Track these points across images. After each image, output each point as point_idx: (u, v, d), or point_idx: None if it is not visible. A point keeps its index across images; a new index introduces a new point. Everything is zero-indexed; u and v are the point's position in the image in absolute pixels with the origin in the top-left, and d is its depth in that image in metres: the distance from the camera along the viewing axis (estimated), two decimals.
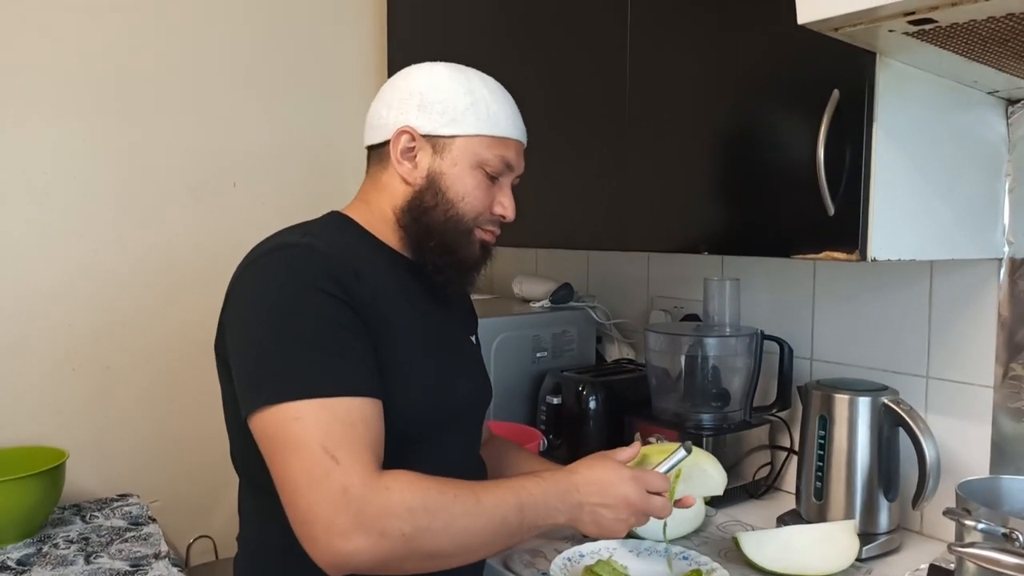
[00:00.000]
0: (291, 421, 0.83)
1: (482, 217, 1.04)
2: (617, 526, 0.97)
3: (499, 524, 0.88)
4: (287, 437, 0.83)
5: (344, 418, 0.84)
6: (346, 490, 0.80)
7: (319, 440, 0.82)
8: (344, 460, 0.81)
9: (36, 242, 1.67)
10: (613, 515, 0.96)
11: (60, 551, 1.38)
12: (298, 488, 0.82)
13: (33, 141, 1.65)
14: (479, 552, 0.90)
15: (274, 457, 0.85)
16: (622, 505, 0.96)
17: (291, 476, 0.82)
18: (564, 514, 0.95)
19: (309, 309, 0.88)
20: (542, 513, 0.92)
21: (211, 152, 1.89)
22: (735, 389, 1.48)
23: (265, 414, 0.84)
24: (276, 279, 0.90)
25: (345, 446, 0.82)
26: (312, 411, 0.83)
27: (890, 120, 1.01)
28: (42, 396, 1.68)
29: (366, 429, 0.86)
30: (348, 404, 0.85)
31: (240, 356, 0.91)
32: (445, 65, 1.04)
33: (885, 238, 1.01)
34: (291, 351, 0.86)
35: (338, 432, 0.83)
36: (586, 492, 0.96)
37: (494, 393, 1.65)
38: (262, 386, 0.86)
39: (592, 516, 0.96)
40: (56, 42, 1.67)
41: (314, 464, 0.81)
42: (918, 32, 0.86)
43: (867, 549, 1.21)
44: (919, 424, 1.18)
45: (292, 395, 0.83)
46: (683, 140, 1.25)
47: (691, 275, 1.70)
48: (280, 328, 0.87)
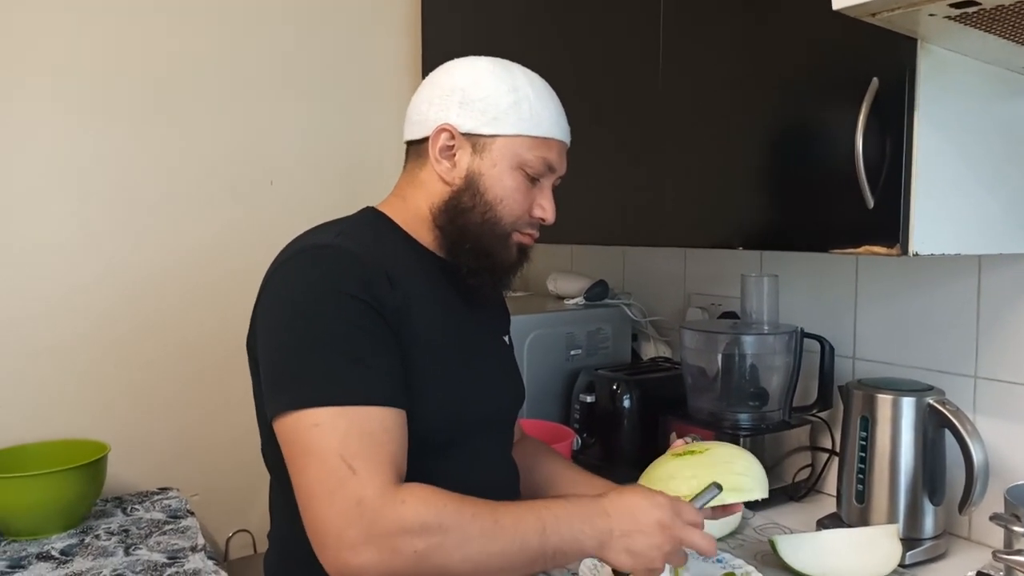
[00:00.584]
0: (310, 428, 0.82)
1: (521, 220, 1.01)
2: (652, 553, 0.87)
3: (518, 547, 0.83)
4: (305, 443, 0.82)
5: (364, 427, 0.82)
6: (360, 502, 0.79)
7: (336, 449, 0.80)
8: (361, 470, 0.80)
9: (80, 242, 1.71)
10: (647, 541, 0.87)
11: (101, 542, 1.41)
12: (312, 496, 0.81)
13: (75, 142, 1.69)
14: (496, 574, 0.84)
15: (293, 462, 0.84)
16: (655, 530, 0.88)
17: (307, 483, 0.81)
18: (592, 539, 0.87)
19: (336, 314, 0.86)
20: (567, 538, 0.85)
21: (249, 152, 1.91)
22: (773, 388, 1.45)
23: (286, 419, 0.84)
24: (306, 281, 0.89)
25: (363, 456, 0.81)
26: (331, 418, 0.82)
27: (933, 109, 0.97)
28: (85, 391, 1.72)
29: (387, 439, 0.84)
30: (369, 413, 0.83)
31: (266, 357, 0.90)
32: (489, 60, 1.02)
33: (927, 231, 0.97)
34: (314, 356, 0.85)
35: (356, 442, 0.81)
36: (617, 517, 0.88)
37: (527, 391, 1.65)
38: (285, 389, 0.85)
39: (624, 543, 0.87)
40: (97, 46, 1.70)
41: (330, 473, 0.80)
42: (960, 16, 0.82)
43: (911, 555, 1.17)
44: (966, 425, 1.13)
45: (312, 401, 0.82)
46: (717, 133, 1.22)
47: (729, 272, 1.67)
48: (305, 332, 0.86)
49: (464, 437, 0.99)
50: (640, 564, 0.88)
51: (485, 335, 1.08)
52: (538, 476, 1.16)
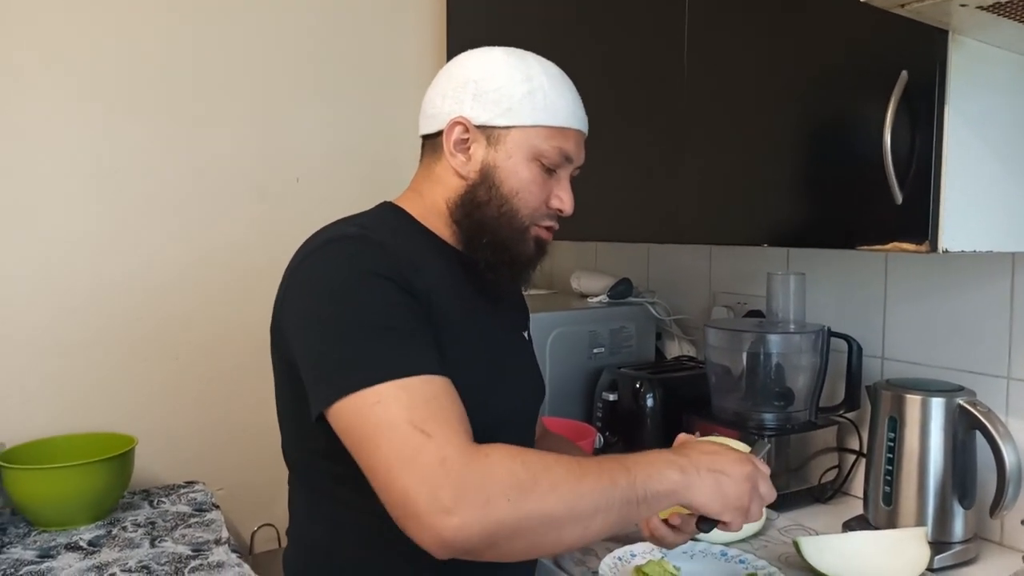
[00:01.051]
0: (371, 406, 0.79)
1: (538, 212, 0.99)
2: (742, 500, 0.86)
3: (608, 482, 0.79)
4: (370, 422, 0.79)
5: (426, 394, 0.80)
6: (444, 461, 0.75)
7: (404, 418, 0.78)
8: (435, 432, 0.77)
9: (109, 239, 1.73)
10: (737, 489, 0.86)
11: (128, 534, 1.43)
12: (391, 470, 0.76)
13: (104, 141, 1.72)
14: (594, 520, 0.79)
15: (361, 447, 0.80)
16: (743, 477, 0.86)
17: (381, 460, 0.77)
18: (678, 472, 0.83)
19: (373, 294, 0.85)
20: (653, 473, 0.82)
21: (275, 149, 1.93)
22: (799, 388, 1.43)
23: (342, 405, 0.81)
24: (335, 269, 0.88)
25: (432, 419, 0.78)
26: (391, 392, 0.79)
27: (965, 103, 0.95)
28: (114, 385, 1.75)
29: (450, 403, 0.82)
30: (426, 381, 0.81)
31: (307, 350, 0.88)
32: (503, 50, 1.00)
33: (958, 228, 0.95)
34: (359, 337, 0.83)
35: (422, 407, 0.79)
36: (696, 457, 0.86)
37: (549, 389, 1.64)
38: (334, 377, 0.82)
39: (713, 481, 0.85)
40: (125, 46, 1.72)
41: (404, 442, 0.76)
42: (994, 6, 0.80)
43: (939, 559, 1.15)
44: (997, 427, 1.11)
45: (367, 381, 0.80)
46: (743, 129, 1.21)
47: (755, 270, 1.65)
48: (344, 317, 0.85)
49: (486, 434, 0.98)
50: (730, 504, 0.86)
51: (505, 330, 1.07)
52: None
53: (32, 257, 1.66)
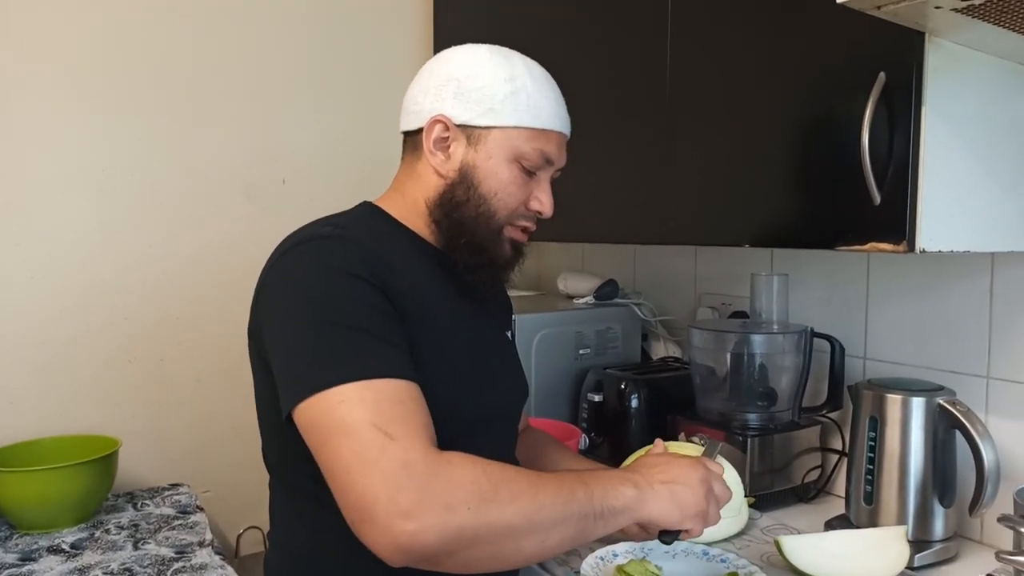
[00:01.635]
0: (336, 405, 0.78)
1: (516, 213, 0.99)
2: (700, 505, 0.87)
3: (567, 496, 0.81)
4: (333, 422, 0.78)
5: (392, 397, 0.80)
6: (407, 465, 0.75)
7: (368, 419, 0.77)
8: (400, 436, 0.76)
9: (95, 239, 1.72)
10: (692, 495, 0.87)
11: (111, 536, 1.42)
12: (351, 471, 0.76)
13: (92, 140, 1.71)
14: (552, 533, 0.80)
15: (323, 446, 0.79)
16: (696, 482, 0.88)
17: (342, 460, 0.77)
18: (632, 488, 0.85)
19: (346, 294, 0.85)
20: (608, 489, 0.84)
21: (262, 150, 1.92)
22: (783, 388, 1.43)
23: (308, 404, 0.80)
24: (309, 268, 0.88)
25: (398, 422, 0.78)
26: (357, 393, 0.78)
27: (943, 104, 0.96)
28: (100, 387, 1.74)
29: (416, 408, 0.81)
30: (394, 384, 0.81)
31: (280, 349, 0.87)
32: (488, 49, 0.99)
33: (936, 228, 0.96)
34: (330, 337, 0.83)
35: (388, 410, 0.78)
36: (648, 472, 0.88)
37: (535, 390, 1.65)
38: (302, 377, 0.82)
39: (667, 492, 0.87)
40: (115, 46, 1.72)
41: (366, 444, 0.76)
42: (967, 8, 0.81)
43: (920, 557, 1.16)
44: (977, 426, 1.12)
45: (334, 380, 0.79)
46: (725, 131, 1.21)
47: (740, 271, 1.65)
48: (316, 316, 0.84)
49: (468, 434, 0.97)
50: (688, 512, 0.87)
51: (487, 329, 1.07)
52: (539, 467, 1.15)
53: (18, 259, 1.65)
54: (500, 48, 1.00)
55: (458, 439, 0.94)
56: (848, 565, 1.08)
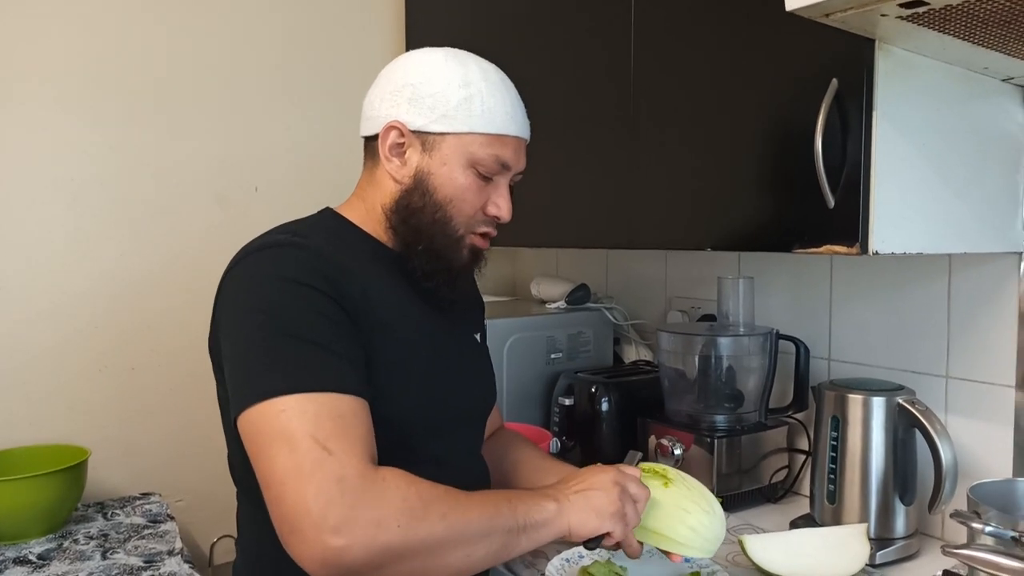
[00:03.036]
0: (277, 414, 0.79)
1: (474, 219, 0.99)
2: (615, 505, 0.91)
3: (492, 511, 0.84)
4: (273, 430, 0.78)
5: (333, 411, 0.80)
6: (341, 480, 0.76)
7: (308, 431, 0.78)
8: (337, 450, 0.77)
9: (66, 246, 1.72)
10: (606, 497, 0.91)
11: (79, 547, 1.42)
12: (285, 482, 0.76)
13: (63, 147, 1.70)
14: (478, 547, 0.82)
15: (260, 454, 0.80)
16: (608, 485, 0.92)
17: (277, 471, 0.77)
18: (552, 502, 0.89)
19: (298, 304, 0.85)
20: (531, 504, 0.88)
21: (234, 157, 1.92)
22: (749, 390, 1.45)
23: (251, 412, 0.81)
24: (263, 277, 0.88)
25: (336, 437, 0.78)
26: (299, 403, 0.79)
27: (894, 109, 0.98)
28: (71, 396, 1.72)
29: (357, 423, 0.82)
30: (337, 399, 0.81)
31: (230, 357, 0.88)
32: (443, 53, 0.98)
33: (888, 230, 0.98)
34: (277, 347, 0.83)
35: (328, 423, 0.79)
36: (564, 486, 0.93)
37: (507, 394, 1.66)
38: (248, 384, 0.82)
39: (582, 500, 0.91)
40: (85, 53, 1.71)
41: (303, 456, 0.76)
42: (912, 16, 0.83)
43: (882, 554, 1.18)
44: (935, 425, 1.14)
45: (279, 390, 0.80)
46: (686, 137, 1.23)
47: (709, 275, 1.67)
48: (266, 325, 0.84)
49: (433, 437, 0.99)
50: (604, 513, 0.90)
51: (451, 333, 1.06)
52: (506, 464, 1.16)
53: None
54: (456, 52, 0.99)
55: (420, 443, 0.96)
56: (810, 563, 1.10)
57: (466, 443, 1.08)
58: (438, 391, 0.99)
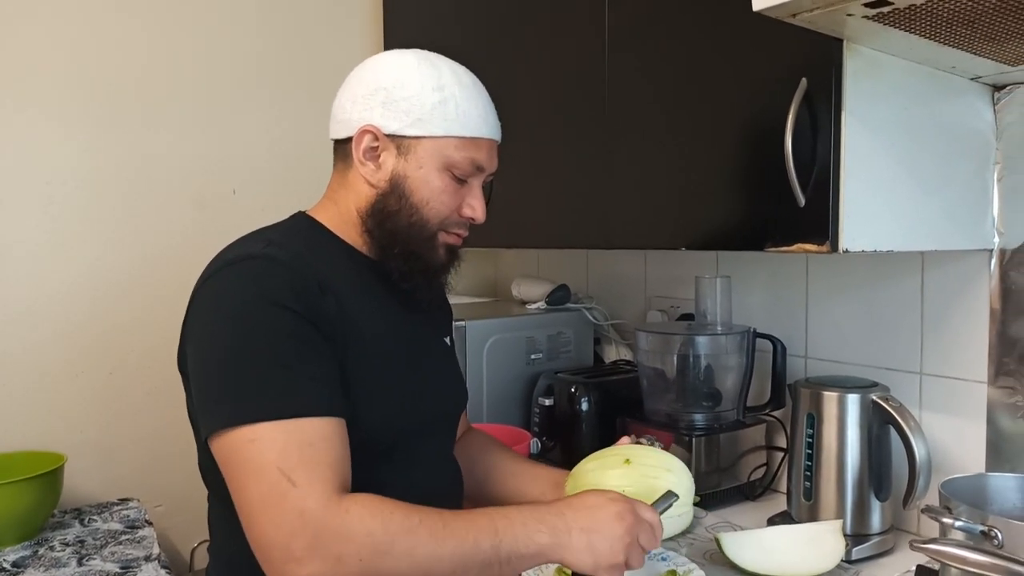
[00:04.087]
0: (246, 443, 0.80)
1: (449, 220, 0.99)
2: (614, 551, 0.85)
3: (469, 549, 0.81)
4: (242, 460, 0.81)
5: (302, 439, 0.81)
6: (302, 513, 0.77)
7: (275, 462, 0.79)
8: (301, 482, 0.79)
9: (41, 249, 1.70)
10: (610, 547, 0.85)
11: (55, 553, 1.40)
12: (253, 512, 0.79)
13: (38, 149, 1.69)
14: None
15: (232, 480, 0.82)
16: (618, 535, 0.85)
17: (246, 500, 0.80)
18: (548, 536, 0.84)
19: (267, 325, 0.84)
20: (521, 538, 0.83)
21: (212, 159, 1.91)
22: (727, 388, 1.46)
23: (222, 437, 0.82)
24: (234, 294, 0.87)
25: (302, 467, 0.79)
26: (268, 433, 0.80)
27: (863, 108, 0.99)
28: (47, 401, 1.71)
29: (327, 448, 0.82)
30: (307, 424, 0.82)
31: (198, 375, 0.88)
32: (415, 55, 0.98)
33: (858, 228, 0.98)
34: (247, 371, 0.83)
35: (295, 453, 0.80)
36: (573, 515, 0.86)
37: (486, 396, 1.66)
38: (219, 408, 0.83)
39: (585, 541, 0.85)
40: (63, 55, 1.70)
41: (270, 487, 0.78)
42: (877, 16, 0.84)
43: (858, 550, 1.18)
44: (908, 421, 1.15)
45: (248, 417, 0.81)
46: (659, 137, 1.24)
47: (687, 274, 1.68)
48: (236, 346, 0.85)
49: (407, 441, 0.99)
50: (603, 563, 0.85)
51: (425, 337, 1.07)
52: (479, 468, 1.16)
53: None
54: (428, 54, 0.99)
55: (394, 448, 0.96)
56: (785, 559, 1.10)
57: (439, 447, 1.08)
58: (412, 398, 0.99)
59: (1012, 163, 1.17)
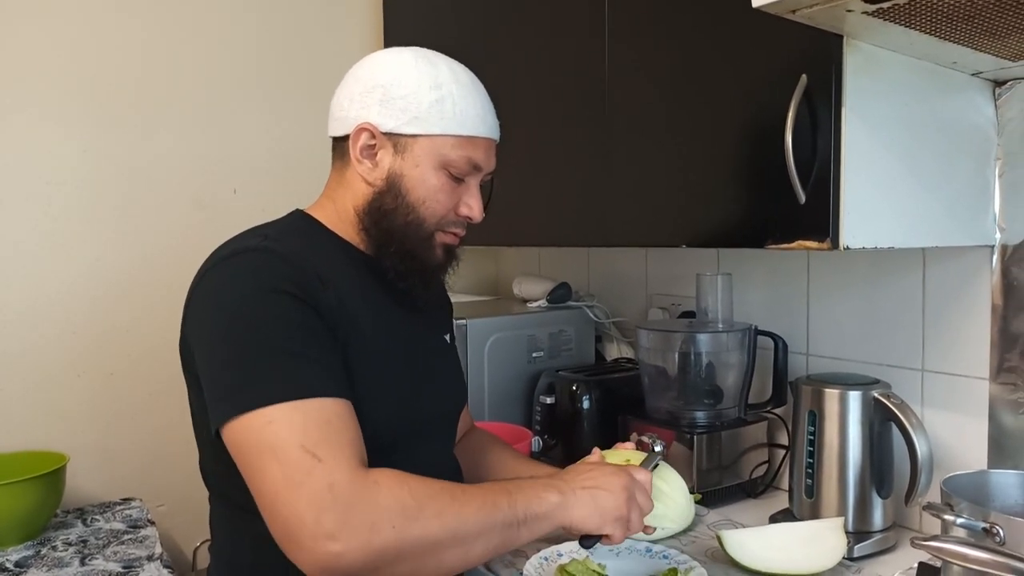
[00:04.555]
0: (264, 426, 0.79)
1: (446, 219, 0.99)
2: (620, 511, 0.91)
3: (490, 507, 0.84)
4: (261, 443, 0.79)
5: (319, 417, 0.81)
6: (332, 487, 0.77)
7: (297, 441, 0.78)
8: (326, 457, 0.78)
9: (41, 250, 1.70)
10: (614, 500, 0.91)
11: (57, 553, 1.41)
12: (278, 493, 0.77)
13: (38, 149, 1.69)
14: (476, 544, 0.83)
15: (250, 466, 0.81)
16: (618, 489, 0.91)
17: (268, 481, 0.78)
18: (556, 494, 0.89)
19: (272, 312, 0.84)
20: (532, 496, 0.87)
21: (212, 159, 1.91)
22: (729, 386, 1.46)
23: (236, 424, 0.81)
24: (236, 284, 0.87)
25: (324, 443, 0.79)
26: (285, 414, 0.80)
27: (863, 105, 0.99)
28: (48, 401, 1.71)
29: (344, 427, 0.82)
30: (321, 404, 0.82)
31: (207, 367, 0.88)
32: (413, 53, 0.98)
33: (859, 225, 0.98)
34: (257, 357, 0.83)
35: (315, 431, 0.79)
36: (573, 477, 0.92)
37: (488, 394, 1.67)
38: (230, 396, 0.82)
39: (589, 497, 0.90)
40: (62, 55, 1.70)
41: (294, 465, 0.77)
42: (877, 11, 0.84)
43: (860, 547, 1.18)
44: (910, 418, 1.14)
45: (262, 401, 0.80)
46: (659, 135, 1.23)
47: (688, 272, 1.68)
48: (244, 334, 0.84)
49: (405, 440, 0.98)
50: (608, 516, 0.90)
51: (423, 335, 1.06)
52: (482, 466, 1.16)
53: None
54: (426, 52, 0.99)
55: (394, 447, 0.95)
56: (787, 557, 1.10)
57: (439, 445, 1.08)
58: (412, 397, 0.99)
59: (1013, 159, 1.16)
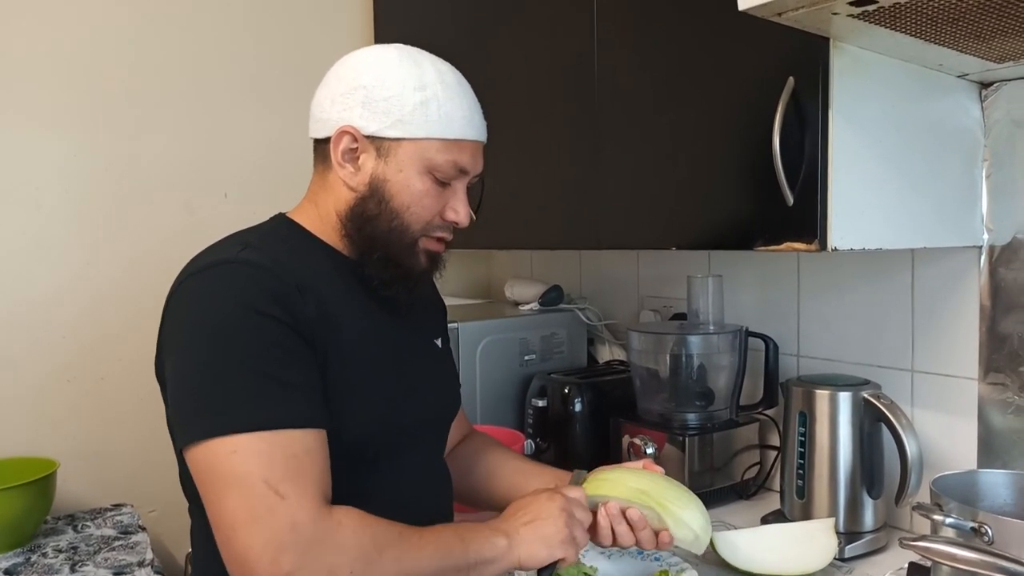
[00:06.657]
0: (228, 455, 0.77)
1: (431, 224, 0.95)
2: (563, 533, 0.90)
3: (445, 553, 0.84)
4: (223, 472, 0.77)
5: (286, 450, 0.79)
6: (295, 527, 0.75)
7: (261, 474, 0.76)
8: (290, 494, 0.76)
9: (31, 254, 1.69)
10: (554, 525, 0.90)
11: (48, 560, 1.40)
12: (236, 527, 0.76)
13: (27, 153, 1.68)
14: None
15: (211, 492, 0.78)
16: (556, 513, 0.91)
17: (228, 512, 0.76)
18: (503, 538, 0.89)
19: (245, 333, 0.82)
20: (483, 542, 0.88)
21: (203, 164, 1.90)
22: (720, 388, 1.46)
23: (200, 448, 0.79)
24: (211, 300, 0.84)
25: (289, 480, 0.77)
26: (251, 444, 0.77)
27: (850, 107, 0.99)
28: (38, 407, 1.70)
29: (311, 461, 0.80)
30: (289, 436, 0.79)
31: (175, 385, 0.85)
32: (397, 52, 0.93)
33: (847, 227, 0.99)
34: (226, 380, 0.80)
35: (281, 465, 0.77)
36: (513, 517, 0.93)
37: (480, 397, 1.66)
38: (196, 418, 0.80)
39: (531, 531, 0.90)
40: (50, 55, 1.69)
41: (257, 500, 0.76)
42: (862, 14, 0.84)
43: (851, 548, 1.19)
44: (900, 419, 1.15)
45: (228, 429, 0.78)
46: (647, 137, 1.24)
47: (680, 274, 1.68)
48: (215, 355, 0.82)
49: (395, 447, 0.97)
50: (555, 543, 0.90)
51: (410, 340, 1.03)
52: (481, 467, 1.15)
53: None
54: (411, 51, 0.95)
55: (378, 455, 0.94)
56: (778, 558, 1.11)
57: (429, 451, 1.06)
58: (400, 404, 0.97)
59: (1000, 160, 1.17)
